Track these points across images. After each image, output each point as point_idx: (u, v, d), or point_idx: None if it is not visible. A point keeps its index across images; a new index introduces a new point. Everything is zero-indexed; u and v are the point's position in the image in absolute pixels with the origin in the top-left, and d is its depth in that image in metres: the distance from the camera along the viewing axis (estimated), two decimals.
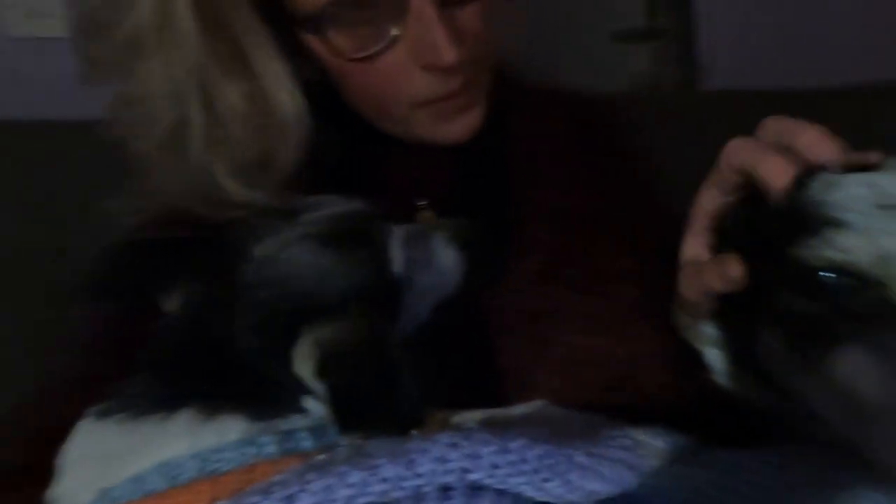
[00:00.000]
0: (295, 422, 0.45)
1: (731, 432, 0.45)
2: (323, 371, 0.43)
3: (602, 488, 0.35)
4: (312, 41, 0.57)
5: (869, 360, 0.36)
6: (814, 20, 2.28)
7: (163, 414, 0.43)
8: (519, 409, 0.50)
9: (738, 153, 0.42)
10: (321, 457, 0.38)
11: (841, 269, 0.38)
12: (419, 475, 0.33)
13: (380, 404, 0.42)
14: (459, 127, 0.64)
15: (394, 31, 0.56)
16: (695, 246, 0.48)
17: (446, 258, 0.60)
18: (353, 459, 0.34)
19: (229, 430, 0.43)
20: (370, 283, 0.49)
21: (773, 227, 0.41)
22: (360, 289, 0.48)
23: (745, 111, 1.42)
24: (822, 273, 0.39)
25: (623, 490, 0.36)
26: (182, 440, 0.42)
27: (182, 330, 0.49)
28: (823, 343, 0.38)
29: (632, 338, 0.56)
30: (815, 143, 0.40)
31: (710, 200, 0.47)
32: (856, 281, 0.38)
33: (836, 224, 0.38)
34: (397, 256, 0.53)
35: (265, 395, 0.45)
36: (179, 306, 0.51)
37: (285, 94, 0.56)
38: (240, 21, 0.55)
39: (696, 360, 0.49)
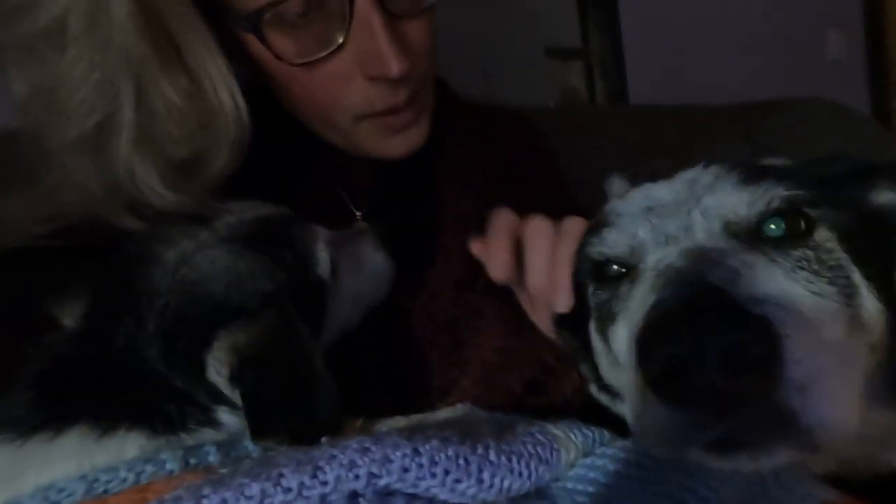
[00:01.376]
0: (203, 436, 0.42)
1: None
2: (237, 377, 0.41)
3: (516, 484, 0.35)
4: (253, 43, 0.55)
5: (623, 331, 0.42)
6: (716, 45, 2.51)
7: (49, 434, 0.40)
8: (442, 414, 0.49)
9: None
10: (223, 470, 0.35)
11: (608, 260, 0.46)
12: (325, 483, 0.31)
13: (294, 411, 0.40)
14: (402, 143, 0.63)
15: (339, 38, 0.54)
16: None
17: (375, 262, 0.59)
18: (256, 470, 0.32)
19: (126, 447, 0.40)
20: (291, 285, 0.47)
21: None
22: (280, 292, 0.46)
23: (665, 123, 1.50)
24: (599, 266, 0.47)
25: (538, 485, 0.36)
26: (69, 461, 0.39)
27: (77, 343, 0.45)
28: (609, 322, 0.45)
29: (546, 342, 0.57)
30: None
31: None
32: (623, 269, 0.45)
33: (609, 225, 0.47)
34: (322, 259, 0.52)
35: (170, 409, 0.42)
36: (78, 318, 0.47)
37: (226, 94, 0.52)
38: (179, 15, 0.50)
39: None
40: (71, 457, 0.39)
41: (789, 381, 0.29)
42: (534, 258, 0.53)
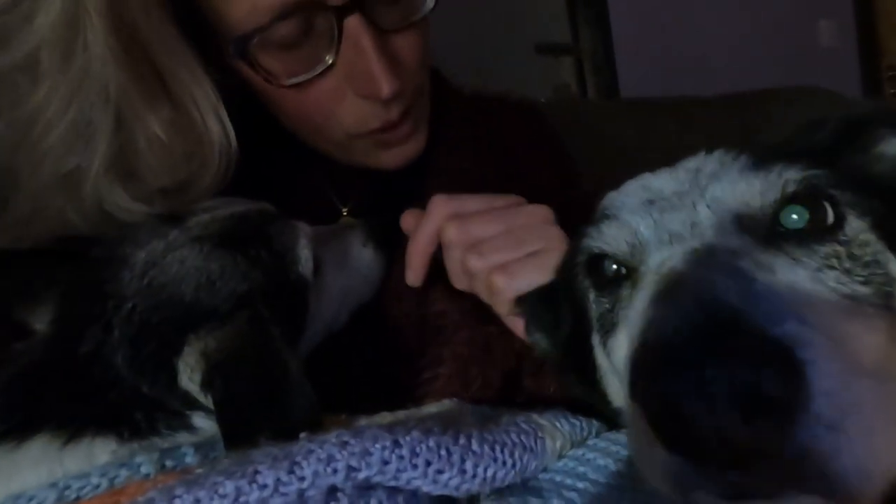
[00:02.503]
0: (178, 439, 0.40)
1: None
2: (209, 384, 0.39)
3: (500, 473, 0.33)
4: (241, 66, 0.53)
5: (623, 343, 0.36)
6: (706, 36, 2.50)
7: (13, 442, 0.38)
8: (428, 409, 0.47)
9: None
10: (199, 470, 0.34)
11: (606, 256, 0.39)
12: (302, 478, 0.30)
13: (268, 417, 0.38)
14: (399, 155, 0.61)
15: (328, 58, 0.52)
16: None
17: (363, 257, 0.57)
18: (231, 468, 0.30)
19: (96, 452, 0.38)
20: (268, 285, 0.45)
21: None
22: (254, 293, 0.44)
23: (660, 116, 1.49)
24: (595, 260, 0.40)
25: (524, 475, 0.35)
26: (39, 468, 0.37)
27: (43, 349, 0.43)
28: (610, 330, 0.39)
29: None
30: None
31: None
32: (620, 269, 0.39)
33: (607, 218, 0.40)
34: (303, 257, 0.49)
35: (138, 416, 0.40)
36: (48, 323, 0.45)
37: (213, 120, 0.50)
38: (162, 41, 0.47)
39: None
40: (39, 464, 0.37)
41: (816, 419, 0.23)
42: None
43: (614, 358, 0.39)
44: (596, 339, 0.42)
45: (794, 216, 0.34)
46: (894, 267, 0.34)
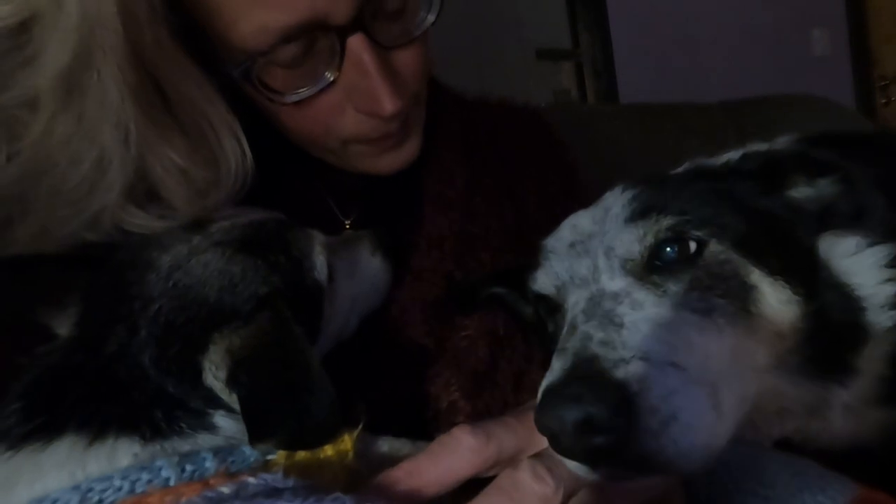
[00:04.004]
0: (198, 441, 0.40)
1: None
2: (234, 380, 0.40)
3: None
4: (243, 84, 0.52)
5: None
6: (704, 43, 2.52)
7: (38, 444, 0.38)
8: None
9: None
10: (223, 488, 0.34)
11: (538, 297, 0.51)
12: None
13: (291, 412, 0.38)
14: (394, 160, 0.61)
15: (329, 75, 0.51)
16: None
17: (372, 267, 0.58)
18: (257, 501, 0.30)
19: (119, 454, 0.38)
20: (286, 289, 0.46)
21: None
22: (274, 295, 0.45)
23: (658, 121, 1.49)
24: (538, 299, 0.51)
25: None
26: (61, 471, 0.37)
27: (67, 352, 0.43)
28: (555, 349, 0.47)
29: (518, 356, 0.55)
30: None
31: None
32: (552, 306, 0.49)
33: (542, 262, 0.51)
34: (319, 263, 0.50)
35: (159, 415, 0.40)
36: (71, 327, 0.45)
37: (230, 140, 0.49)
38: (175, 71, 0.46)
39: None
40: (62, 466, 0.37)
41: (644, 430, 0.35)
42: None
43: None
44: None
45: (669, 249, 0.45)
46: (755, 277, 0.45)
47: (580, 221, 0.51)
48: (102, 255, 0.47)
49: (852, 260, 0.46)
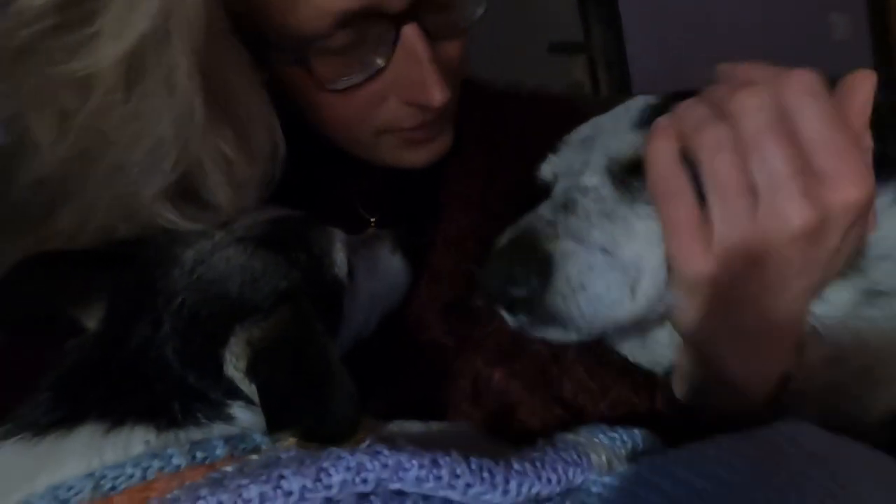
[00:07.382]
0: (212, 430, 0.40)
1: None
2: (253, 369, 0.40)
3: (546, 490, 0.32)
4: (292, 71, 0.50)
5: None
6: (718, 31, 2.45)
7: (61, 432, 0.38)
8: (449, 427, 0.46)
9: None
10: (227, 468, 0.33)
11: (542, 185, 0.53)
12: (329, 486, 0.28)
13: (310, 402, 0.38)
14: (425, 154, 0.59)
15: (379, 62, 0.50)
16: None
17: (391, 266, 0.57)
18: (257, 471, 0.29)
19: (134, 442, 0.38)
20: (307, 285, 0.46)
21: None
22: (295, 290, 0.44)
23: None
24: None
25: (569, 486, 0.33)
26: (79, 459, 0.37)
27: (94, 345, 0.44)
28: None
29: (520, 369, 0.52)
30: None
31: None
32: None
33: (556, 152, 0.53)
34: (339, 260, 0.50)
35: (177, 405, 0.40)
36: (99, 320, 0.45)
37: (266, 133, 0.48)
38: (230, 61, 0.45)
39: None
40: (81, 454, 0.37)
41: (556, 293, 0.41)
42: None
43: None
44: None
45: None
46: None
47: (601, 120, 0.51)
48: (130, 252, 0.47)
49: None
